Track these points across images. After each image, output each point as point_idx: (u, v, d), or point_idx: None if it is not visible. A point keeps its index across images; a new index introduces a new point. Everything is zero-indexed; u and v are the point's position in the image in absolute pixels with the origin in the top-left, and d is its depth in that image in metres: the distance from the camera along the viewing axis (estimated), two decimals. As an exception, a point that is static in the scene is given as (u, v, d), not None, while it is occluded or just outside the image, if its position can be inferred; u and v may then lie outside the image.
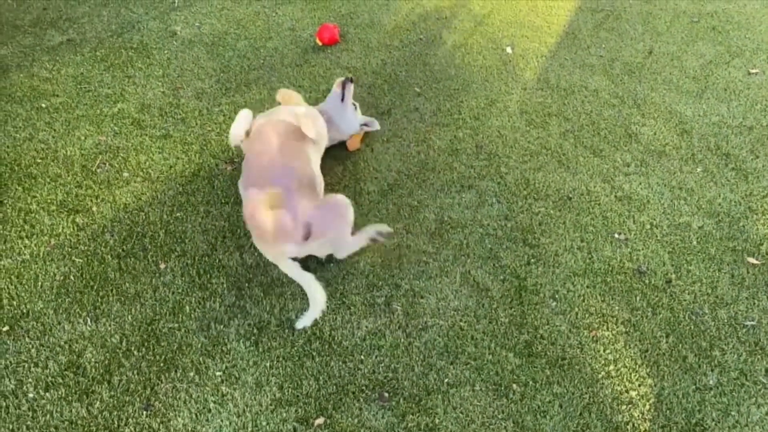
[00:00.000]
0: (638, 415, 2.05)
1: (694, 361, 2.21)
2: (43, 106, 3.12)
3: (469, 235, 2.60)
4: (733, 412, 2.07)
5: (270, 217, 2.14)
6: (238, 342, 2.17)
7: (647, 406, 2.07)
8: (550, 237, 2.62)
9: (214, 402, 2.00)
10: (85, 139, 2.94)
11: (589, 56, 3.82)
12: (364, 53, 3.71)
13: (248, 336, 2.19)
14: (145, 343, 2.14)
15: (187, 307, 2.26)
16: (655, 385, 2.13)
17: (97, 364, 2.07)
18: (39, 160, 2.81)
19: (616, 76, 3.64)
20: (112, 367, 2.07)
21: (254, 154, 2.38)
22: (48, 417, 1.93)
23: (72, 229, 2.51)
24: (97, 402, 1.97)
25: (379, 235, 2.41)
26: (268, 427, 1.95)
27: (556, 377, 2.13)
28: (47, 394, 1.98)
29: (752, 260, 2.56)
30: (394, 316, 2.29)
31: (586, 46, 3.91)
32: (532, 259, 2.52)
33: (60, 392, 1.99)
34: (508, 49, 3.83)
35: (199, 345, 2.15)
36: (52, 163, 2.79)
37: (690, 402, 2.09)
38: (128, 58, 3.51)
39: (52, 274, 2.33)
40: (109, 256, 2.41)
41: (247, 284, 2.35)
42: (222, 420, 1.96)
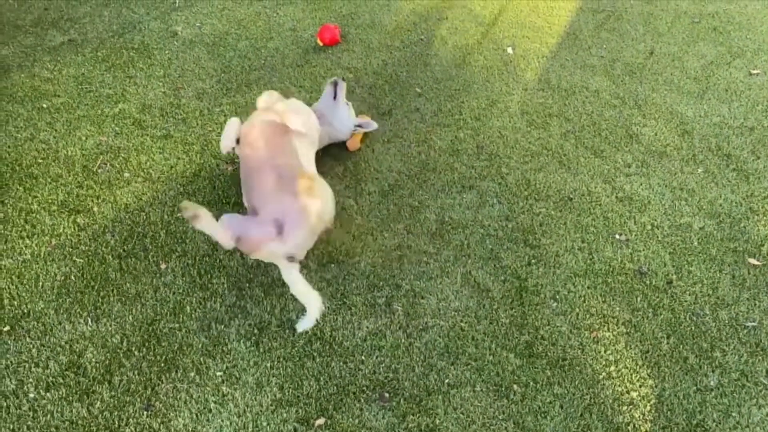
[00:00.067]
0: (639, 416, 2.05)
1: (695, 362, 2.20)
2: (45, 106, 3.13)
3: (469, 236, 2.60)
4: (734, 413, 2.07)
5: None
6: (239, 342, 2.17)
7: (648, 407, 2.07)
8: (551, 238, 2.62)
9: (215, 402, 2.00)
10: (86, 139, 2.94)
11: (590, 57, 3.82)
12: (365, 54, 3.71)
13: (249, 336, 2.19)
14: (146, 344, 2.14)
15: (188, 308, 2.26)
16: (656, 386, 2.13)
17: (98, 364, 2.07)
18: (40, 160, 2.81)
19: (617, 77, 3.64)
20: (112, 367, 2.07)
21: (244, 158, 2.41)
22: (49, 417, 1.93)
23: (73, 229, 2.51)
24: (98, 402, 1.97)
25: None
26: (268, 427, 1.95)
27: (556, 378, 2.13)
28: (48, 394, 1.98)
29: (753, 261, 2.56)
30: (395, 316, 2.29)
31: (587, 47, 3.91)
32: (533, 260, 2.52)
33: (61, 392, 1.99)
34: (509, 50, 3.83)
35: (200, 345, 2.15)
36: (53, 163, 2.79)
37: (691, 403, 2.09)
38: (129, 59, 3.52)
39: (52, 274, 2.34)
40: (110, 257, 2.41)
41: (247, 284, 2.36)
42: (222, 420, 1.96)
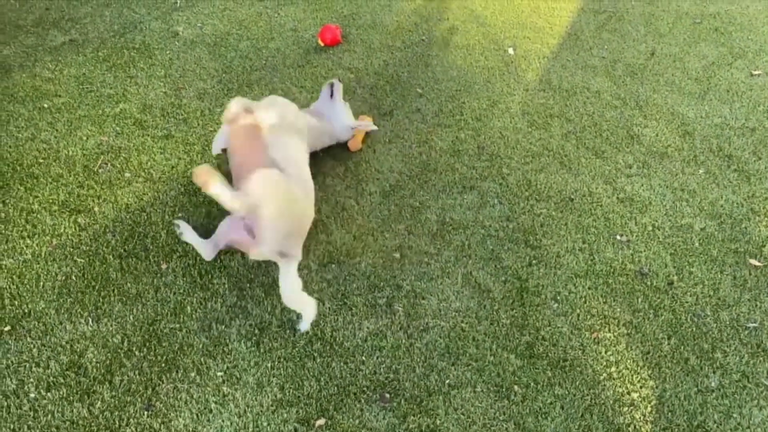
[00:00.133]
0: (640, 417, 2.04)
1: (696, 363, 2.20)
2: (46, 106, 3.13)
3: (470, 236, 2.60)
4: (734, 414, 2.06)
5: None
6: (240, 342, 2.16)
7: (649, 408, 2.07)
8: (552, 238, 2.62)
9: (215, 402, 2.00)
10: (87, 139, 2.94)
11: (591, 57, 3.82)
12: (366, 54, 3.71)
13: (249, 336, 2.19)
14: (147, 344, 2.14)
15: (189, 308, 2.26)
16: (657, 387, 2.13)
17: (99, 364, 2.07)
18: (41, 160, 2.81)
19: (618, 78, 3.64)
20: (113, 368, 2.07)
21: (231, 166, 2.51)
22: (49, 417, 1.93)
23: (74, 229, 2.51)
24: (99, 402, 1.97)
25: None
26: (269, 427, 1.95)
27: (557, 379, 2.13)
28: (49, 394, 1.98)
29: (754, 262, 2.56)
30: (396, 317, 2.28)
31: (588, 48, 3.91)
32: (534, 261, 2.52)
33: (61, 392, 1.99)
34: (510, 51, 3.82)
35: (201, 345, 2.15)
36: (54, 163, 2.80)
37: (692, 404, 2.09)
38: (130, 59, 3.52)
39: (53, 274, 2.34)
40: (111, 257, 2.41)
41: (248, 285, 2.35)
42: (223, 420, 1.96)
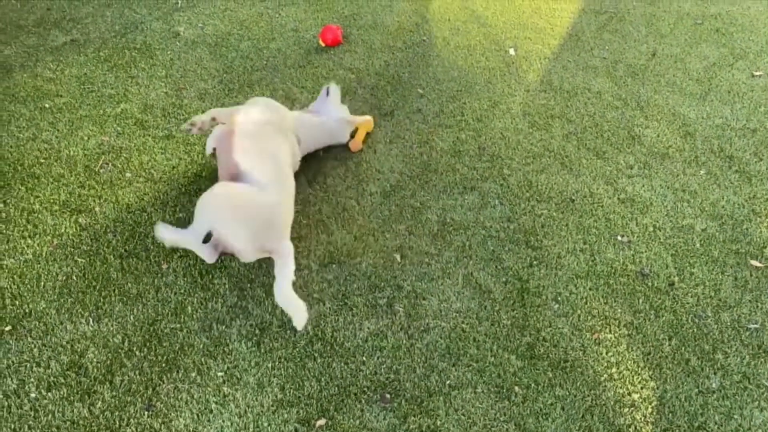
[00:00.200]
0: (641, 418, 2.04)
1: (697, 364, 2.20)
2: (47, 106, 3.13)
3: (471, 237, 2.60)
4: (735, 416, 2.06)
5: None
6: (240, 343, 2.16)
7: (650, 409, 2.07)
8: (553, 239, 2.62)
9: (216, 403, 2.00)
10: (88, 139, 2.95)
11: (592, 58, 3.81)
12: (367, 54, 3.71)
13: (250, 337, 2.19)
14: (147, 344, 2.14)
15: (189, 308, 2.26)
16: (658, 388, 2.12)
17: (99, 364, 2.07)
18: (42, 160, 2.81)
19: (619, 78, 3.64)
20: (114, 368, 2.07)
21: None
22: (50, 417, 1.93)
23: (74, 229, 2.51)
24: (99, 402, 1.97)
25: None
26: (269, 428, 1.95)
27: (558, 380, 2.13)
28: (49, 394, 1.98)
29: (756, 263, 2.55)
30: (396, 317, 2.28)
31: (589, 48, 3.91)
32: (535, 261, 2.52)
33: (62, 392, 1.99)
34: (511, 51, 3.82)
35: (201, 345, 2.15)
36: (55, 163, 2.80)
37: (693, 405, 2.08)
38: (131, 59, 3.52)
39: (54, 273, 2.34)
40: (112, 257, 2.41)
41: (249, 285, 2.35)
42: (223, 421, 1.96)
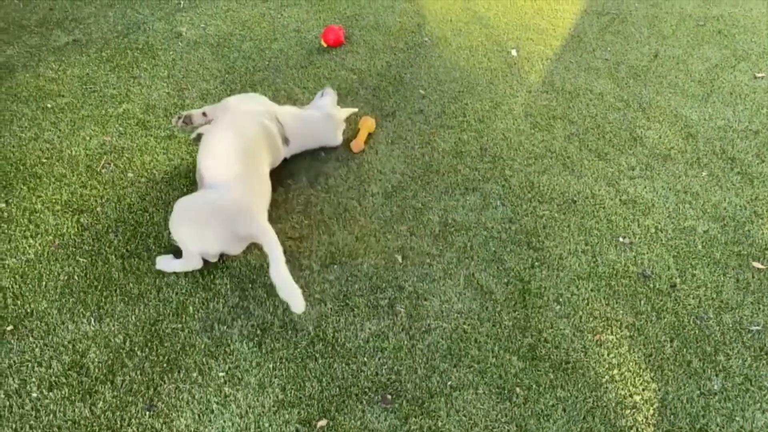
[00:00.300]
0: (642, 420, 2.04)
1: (699, 365, 2.20)
2: (49, 106, 3.13)
3: (473, 238, 2.60)
4: (737, 418, 2.06)
5: None
6: (241, 343, 2.16)
7: (651, 411, 2.06)
8: (555, 240, 2.61)
9: (217, 403, 2.00)
10: (90, 139, 2.95)
11: (594, 59, 3.81)
12: (369, 55, 3.71)
13: (251, 337, 2.19)
14: (149, 344, 2.14)
15: (191, 308, 2.26)
16: (660, 390, 2.12)
17: (101, 364, 2.07)
18: (44, 160, 2.81)
19: (621, 80, 3.64)
20: (115, 368, 2.07)
21: None
22: (51, 417, 1.93)
23: (76, 229, 2.51)
24: (100, 402, 1.97)
25: None
26: (270, 428, 1.95)
27: (559, 381, 2.12)
28: (50, 394, 1.99)
29: (757, 265, 2.55)
30: (398, 318, 2.28)
31: (591, 49, 3.91)
32: (536, 263, 2.51)
33: (63, 392, 1.99)
34: (513, 52, 3.82)
35: (202, 346, 2.15)
36: (57, 163, 2.80)
37: (694, 407, 2.08)
38: (134, 59, 3.53)
39: (56, 273, 2.34)
40: (113, 257, 2.42)
41: (250, 285, 2.35)
42: (224, 421, 1.96)
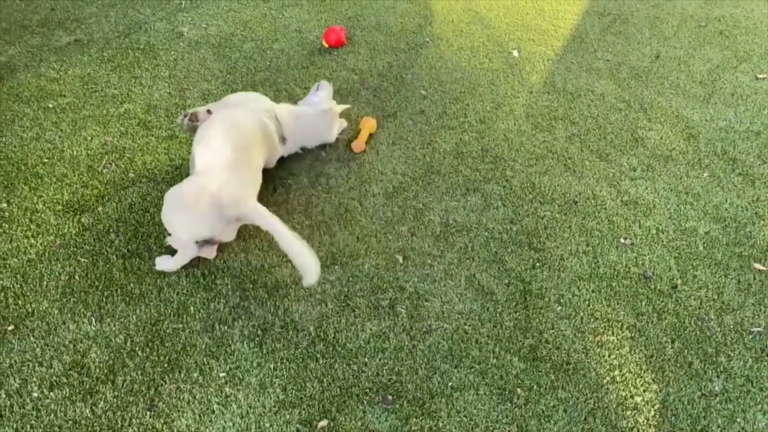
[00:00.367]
0: (643, 421, 2.04)
1: (700, 367, 2.19)
2: (50, 106, 3.14)
3: (474, 239, 2.60)
4: (738, 419, 2.06)
5: None
6: (242, 343, 2.16)
7: (652, 412, 2.06)
8: (556, 241, 2.61)
9: (218, 403, 2.00)
10: (92, 139, 2.95)
11: (595, 60, 3.81)
12: (370, 55, 3.72)
13: (252, 337, 2.19)
14: (150, 344, 2.14)
15: (192, 308, 2.26)
16: (661, 391, 2.12)
17: (102, 364, 2.07)
18: (45, 160, 2.82)
19: (622, 80, 3.63)
20: (116, 368, 2.07)
21: None
22: (52, 416, 1.93)
23: (77, 229, 2.51)
24: (101, 402, 1.97)
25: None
26: (271, 428, 1.94)
27: (560, 382, 2.12)
28: (51, 394, 1.99)
29: (759, 266, 2.55)
30: (399, 318, 2.28)
31: (592, 50, 3.91)
32: (537, 263, 2.51)
33: (64, 392, 1.99)
34: (515, 53, 3.82)
35: (203, 346, 2.15)
36: (58, 163, 2.80)
37: (695, 408, 2.08)
38: (135, 59, 3.53)
39: (57, 273, 2.34)
40: (114, 257, 2.42)
41: (251, 285, 2.35)
42: (225, 421, 1.96)
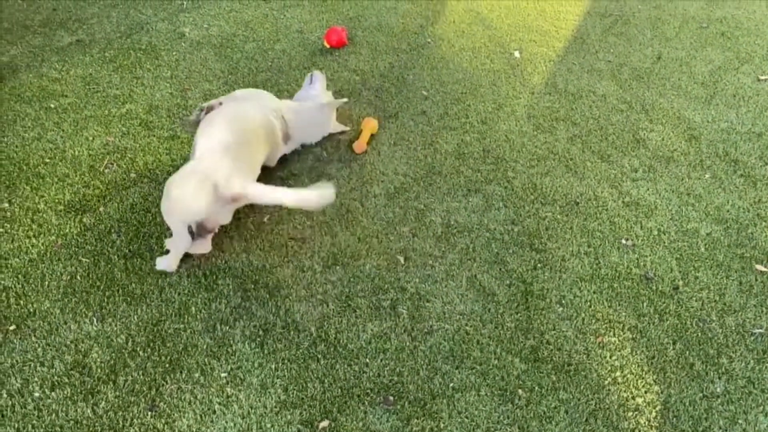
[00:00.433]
0: (644, 422, 2.03)
1: (702, 368, 2.19)
2: (52, 106, 3.14)
3: (475, 239, 2.60)
4: (740, 420, 2.05)
5: None
6: (244, 343, 2.17)
7: (653, 413, 2.06)
8: (557, 242, 2.61)
9: (219, 403, 2.00)
10: (93, 139, 2.95)
11: (597, 61, 3.81)
12: (371, 56, 3.72)
13: (253, 337, 2.19)
14: (151, 344, 2.14)
15: (193, 308, 2.26)
16: (662, 392, 2.12)
17: (103, 364, 2.07)
18: (47, 160, 2.82)
19: (624, 82, 3.63)
20: (117, 368, 2.07)
21: None
22: (53, 416, 1.93)
23: (79, 229, 2.51)
24: (103, 402, 1.98)
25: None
26: (272, 429, 1.94)
27: (562, 383, 2.12)
28: (53, 394, 1.99)
29: (761, 267, 2.54)
30: (400, 319, 2.28)
31: (594, 51, 3.91)
32: (539, 264, 2.51)
33: (65, 392, 1.99)
34: (516, 54, 3.82)
35: (205, 346, 2.15)
36: (60, 163, 2.81)
37: (697, 409, 2.07)
38: (137, 59, 3.53)
39: (58, 273, 2.34)
40: (116, 257, 2.42)
41: (252, 286, 2.36)
42: (226, 421, 1.96)
